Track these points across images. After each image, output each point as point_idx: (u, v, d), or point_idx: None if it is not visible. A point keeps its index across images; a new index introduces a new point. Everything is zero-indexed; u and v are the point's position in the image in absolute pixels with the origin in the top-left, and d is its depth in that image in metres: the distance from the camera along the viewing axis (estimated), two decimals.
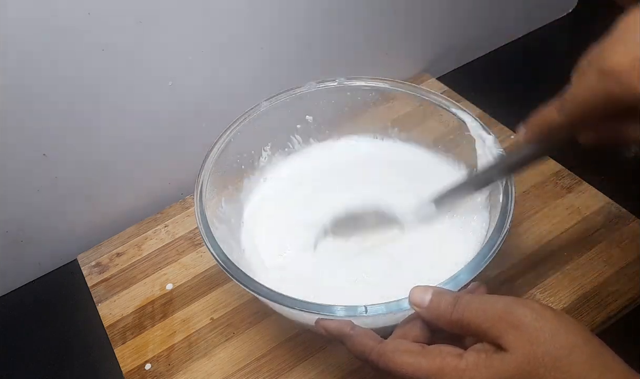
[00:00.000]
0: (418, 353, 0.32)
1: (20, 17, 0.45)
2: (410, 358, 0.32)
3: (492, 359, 0.30)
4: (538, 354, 0.29)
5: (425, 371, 0.31)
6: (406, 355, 0.32)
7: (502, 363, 0.29)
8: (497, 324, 0.30)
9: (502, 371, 0.29)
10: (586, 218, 0.54)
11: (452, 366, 0.31)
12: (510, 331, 0.30)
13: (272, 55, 0.61)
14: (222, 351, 0.49)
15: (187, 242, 0.58)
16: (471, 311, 0.31)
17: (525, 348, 0.29)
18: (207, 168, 0.47)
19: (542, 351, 0.29)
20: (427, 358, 0.32)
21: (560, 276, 0.50)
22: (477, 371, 0.30)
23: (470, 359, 0.30)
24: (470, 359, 0.30)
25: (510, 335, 0.30)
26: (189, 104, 0.58)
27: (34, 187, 0.54)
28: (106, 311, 0.53)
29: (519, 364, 0.29)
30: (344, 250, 0.48)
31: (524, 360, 0.29)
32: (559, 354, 0.28)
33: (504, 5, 0.76)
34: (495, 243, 0.39)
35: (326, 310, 0.37)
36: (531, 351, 0.29)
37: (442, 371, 0.31)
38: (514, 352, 0.29)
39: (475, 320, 0.31)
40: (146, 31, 0.51)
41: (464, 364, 0.30)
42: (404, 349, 0.33)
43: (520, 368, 0.29)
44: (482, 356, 0.30)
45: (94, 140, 0.55)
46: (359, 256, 0.47)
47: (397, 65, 0.72)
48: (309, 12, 0.60)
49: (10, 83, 0.47)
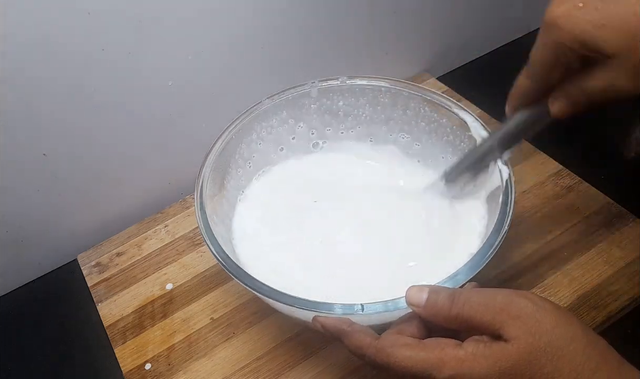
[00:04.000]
0: (416, 346, 0.32)
1: (20, 17, 0.45)
2: (408, 351, 0.32)
3: (492, 349, 0.30)
4: (540, 344, 0.29)
5: (424, 363, 0.31)
6: (404, 349, 0.32)
7: (502, 353, 0.30)
8: (498, 316, 0.30)
9: (502, 360, 0.29)
10: (586, 218, 0.54)
11: (452, 355, 0.31)
12: (511, 322, 0.30)
13: (272, 55, 0.61)
14: (222, 351, 0.49)
15: (187, 242, 0.58)
16: (471, 305, 0.32)
17: (528, 338, 0.29)
18: (208, 166, 0.47)
19: (544, 342, 0.29)
20: (425, 350, 0.32)
21: (560, 276, 0.50)
22: (477, 360, 0.30)
23: (469, 349, 0.31)
24: (469, 349, 0.31)
25: (512, 326, 0.30)
26: (189, 104, 0.58)
27: (34, 187, 0.54)
28: (106, 311, 0.53)
29: (521, 354, 0.29)
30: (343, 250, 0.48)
31: (526, 350, 0.29)
32: (560, 344, 0.29)
33: (504, 5, 0.76)
34: (494, 243, 0.39)
35: (324, 307, 0.37)
36: (533, 341, 0.29)
37: (442, 361, 0.31)
38: (516, 342, 0.29)
39: (476, 314, 0.31)
40: (146, 31, 0.51)
41: (463, 353, 0.30)
42: (402, 344, 0.33)
43: (521, 358, 0.29)
44: (480, 346, 0.30)
45: (94, 140, 0.55)
46: (359, 257, 0.47)
47: (397, 65, 0.72)
48: (309, 12, 0.60)
49: (10, 83, 0.47)
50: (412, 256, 0.46)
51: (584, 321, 0.47)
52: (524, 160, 0.60)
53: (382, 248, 0.47)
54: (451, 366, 0.30)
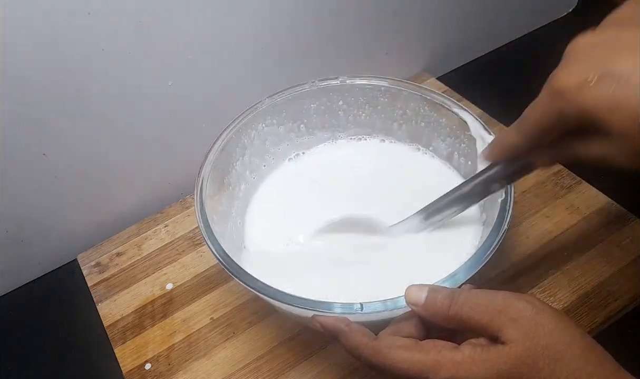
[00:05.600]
0: (413, 347, 0.32)
1: (20, 17, 0.45)
2: (405, 352, 0.32)
3: (489, 352, 0.30)
4: (539, 347, 0.29)
5: (421, 365, 0.31)
6: (400, 350, 0.32)
7: (499, 356, 0.29)
8: (497, 317, 0.30)
9: (500, 364, 0.29)
10: (586, 218, 0.54)
11: (448, 358, 0.31)
12: (510, 325, 0.30)
13: (272, 55, 0.61)
14: (222, 350, 0.49)
15: (187, 242, 0.58)
16: (470, 306, 0.31)
17: (526, 341, 0.29)
18: (208, 165, 0.47)
19: (543, 345, 0.29)
20: (422, 352, 0.32)
21: (560, 276, 0.50)
22: (474, 364, 0.30)
23: (466, 352, 0.30)
24: (466, 352, 0.30)
25: (510, 328, 0.30)
26: (189, 104, 0.58)
27: (34, 187, 0.54)
28: (106, 311, 0.53)
29: (519, 357, 0.29)
30: (343, 250, 0.48)
31: (524, 353, 0.29)
32: (558, 348, 0.29)
33: (504, 5, 0.76)
34: (494, 241, 0.39)
35: (323, 307, 0.37)
36: (531, 344, 0.29)
37: (438, 364, 0.31)
38: (514, 345, 0.29)
39: (475, 314, 0.31)
40: (146, 31, 0.51)
41: (460, 356, 0.30)
42: (399, 345, 0.33)
43: (519, 361, 0.29)
44: (478, 349, 0.30)
45: (94, 139, 0.55)
46: (358, 256, 0.47)
47: (397, 64, 0.72)
48: (309, 12, 0.60)
49: (10, 83, 0.47)
50: (409, 256, 0.46)
51: (584, 321, 0.47)
52: None
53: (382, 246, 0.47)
54: (448, 369, 0.30)
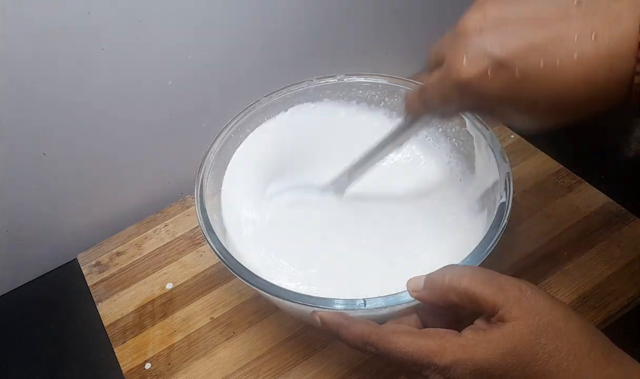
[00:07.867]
0: (417, 333, 0.33)
1: (20, 16, 0.45)
2: (410, 337, 0.33)
3: (492, 333, 0.31)
4: (541, 324, 0.30)
5: (427, 350, 0.31)
6: (405, 335, 0.33)
7: (503, 336, 0.30)
8: (500, 293, 0.31)
9: (505, 342, 0.30)
10: (586, 218, 0.54)
11: (453, 342, 0.31)
12: (513, 302, 0.31)
13: (272, 55, 0.61)
14: (222, 350, 0.49)
15: (187, 241, 0.58)
16: (469, 278, 0.32)
17: (529, 319, 0.30)
18: (208, 165, 0.47)
19: (545, 322, 0.30)
20: (425, 337, 0.32)
21: (560, 275, 0.50)
22: (479, 345, 0.30)
23: (469, 336, 0.31)
24: (469, 336, 0.31)
25: (514, 306, 0.30)
26: (189, 104, 0.58)
27: (34, 186, 0.54)
28: (106, 310, 0.53)
29: (523, 335, 0.30)
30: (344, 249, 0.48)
31: (528, 330, 0.30)
32: (559, 324, 0.30)
33: None
34: (493, 238, 0.39)
35: (325, 303, 0.37)
36: (534, 322, 0.30)
37: (443, 348, 0.31)
38: (518, 323, 0.30)
39: (475, 287, 0.32)
40: (146, 31, 0.51)
41: (464, 340, 0.31)
42: (403, 330, 0.33)
43: (524, 338, 0.30)
44: (480, 332, 0.31)
45: (94, 139, 0.55)
46: (358, 254, 0.47)
47: (397, 64, 0.71)
48: (309, 12, 0.60)
49: (10, 83, 0.47)
50: (409, 255, 0.46)
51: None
52: (524, 160, 0.60)
53: (381, 245, 0.47)
54: (452, 352, 0.31)
